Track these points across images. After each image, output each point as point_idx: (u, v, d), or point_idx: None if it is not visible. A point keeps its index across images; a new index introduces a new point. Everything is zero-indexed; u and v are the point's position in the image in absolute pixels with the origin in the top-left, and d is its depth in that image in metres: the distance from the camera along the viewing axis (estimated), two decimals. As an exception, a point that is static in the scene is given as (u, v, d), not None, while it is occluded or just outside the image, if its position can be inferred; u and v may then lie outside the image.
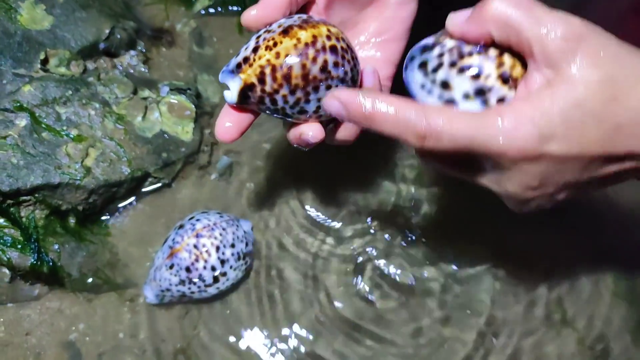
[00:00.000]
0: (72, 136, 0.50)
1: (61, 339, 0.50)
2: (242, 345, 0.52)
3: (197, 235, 0.50)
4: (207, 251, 0.49)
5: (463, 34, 0.33)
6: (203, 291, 0.50)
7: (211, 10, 0.68)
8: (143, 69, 0.61)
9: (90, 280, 0.51)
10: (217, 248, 0.50)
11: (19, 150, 0.47)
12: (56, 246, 0.49)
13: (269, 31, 0.36)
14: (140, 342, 0.51)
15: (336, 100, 0.34)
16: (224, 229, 0.51)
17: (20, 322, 0.49)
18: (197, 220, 0.51)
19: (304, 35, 0.35)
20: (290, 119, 0.38)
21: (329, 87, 0.36)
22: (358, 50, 0.44)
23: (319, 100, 0.36)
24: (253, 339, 0.52)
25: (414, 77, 0.35)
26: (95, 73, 0.55)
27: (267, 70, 0.35)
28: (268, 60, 0.35)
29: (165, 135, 0.56)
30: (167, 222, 0.56)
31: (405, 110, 0.32)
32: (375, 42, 0.43)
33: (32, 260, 0.47)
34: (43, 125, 0.49)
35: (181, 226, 0.51)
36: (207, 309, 0.53)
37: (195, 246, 0.49)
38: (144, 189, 0.56)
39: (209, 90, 0.64)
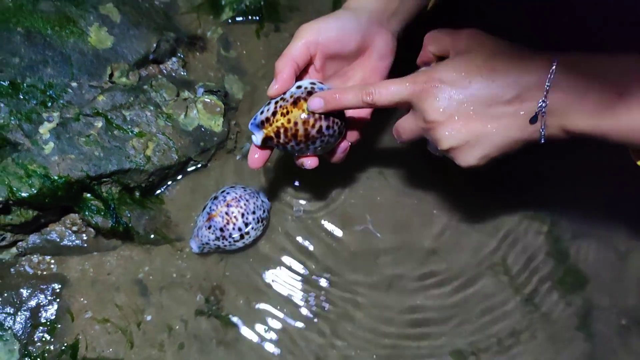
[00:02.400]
0: (135, 133, 0.67)
1: (132, 277, 0.69)
2: (259, 281, 0.71)
3: (228, 205, 0.68)
4: (235, 217, 0.67)
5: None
6: (232, 245, 0.69)
7: (236, 19, 0.83)
8: (182, 72, 0.78)
9: (152, 236, 0.70)
10: (242, 214, 0.68)
11: (99, 145, 0.65)
12: (127, 212, 0.67)
13: (283, 99, 0.54)
14: (188, 280, 0.70)
15: (318, 97, 0.52)
16: (247, 200, 0.69)
17: (103, 266, 0.69)
18: (227, 193, 0.69)
19: (307, 107, 0.52)
20: (295, 155, 0.56)
21: (322, 141, 0.54)
22: None
23: (315, 148, 0.55)
24: (267, 277, 0.71)
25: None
26: (148, 81, 0.72)
27: (282, 130, 0.53)
28: (282, 124, 0.53)
29: (202, 128, 0.73)
30: (204, 193, 0.74)
31: (356, 86, 0.52)
32: None
33: (112, 222, 0.66)
34: (114, 126, 0.66)
35: (215, 197, 0.70)
36: (235, 257, 0.72)
37: (227, 213, 0.67)
38: (188, 169, 0.74)
39: (234, 87, 0.80)
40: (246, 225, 0.68)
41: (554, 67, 0.45)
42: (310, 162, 0.57)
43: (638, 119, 0.43)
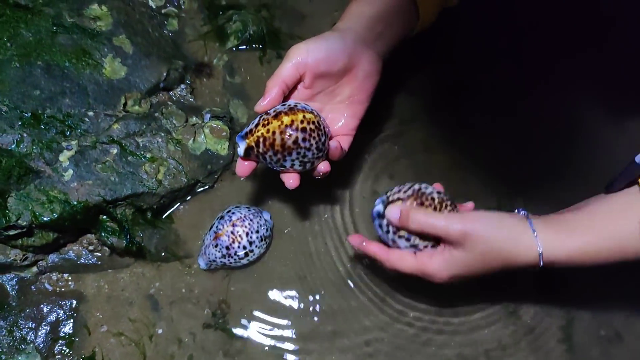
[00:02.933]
0: (147, 158, 0.72)
1: (144, 293, 0.74)
2: (263, 296, 0.76)
3: (234, 225, 0.73)
4: (240, 236, 0.72)
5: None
6: (237, 262, 0.74)
7: (240, 47, 0.88)
8: (190, 98, 0.83)
9: (162, 254, 0.74)
10: (247, 233, 0.72)
11: (115, 170, 0.70)
12: (140, 232, 0.72)
13: (267, 114, 0.58)
14: (196, 295, 0.75)
15: (360, 243, 0.62)
16: (251, 220, 0.74)
17: (117, 282, 0.74)
18: (233, 213, 0.74)
19: (286, 119, 0.57)
20: (276, 169, 0.61)
21: (298, 154, 0.58)
22: (336, 106, 0.64)
23: (292, 160, 0.59)
24: (270, 292, 0.76)
25: (377, 229, 0.62)
26: (159, 108, 0.77)
27: (261, 140, 0.57)
28: (262, 134, 0.57)
29: (209, 152, 0.78)
30: (211, 212, 0.79)
31: (389, 253, 0.60)
32: (346, 104, 0.64)
33: (126, 242, 0.71)
34: (128, 152, 0.71)
35: (221, 217, 0.74)
36: (240, 273, 0.76)
37: (232, 232, 0.72)
38: (196, 190, 0.78)
39: (238, 111, 0.85)
40: (250, 243, 0.72)
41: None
42: (291, 180, 0.62)
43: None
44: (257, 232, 0.73)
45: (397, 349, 0.74)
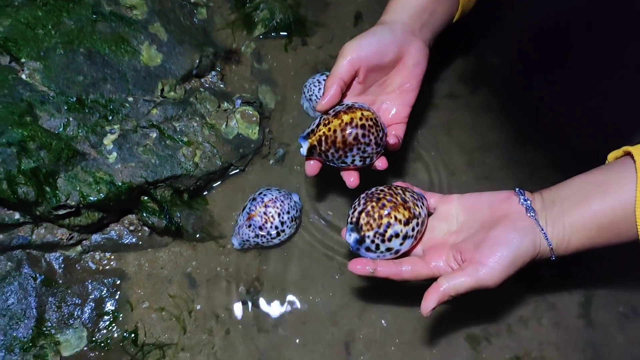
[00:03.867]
0: (184, 142, 0.75)
1: (182, 271, 0.77)
2: (293, 274, 0.79)
3: (266, 206, 0.75)
4: (272, 216, 0.75)
5: None
6: (269, 241, 0.77)
7: (267, 34, 0.90)
8: (221, 85, 0.85)
9: (198, 234, 0.78)
10: (279, 214, 0.75)
11: (155, 153, 0.73)
12: (177, 213, 0.75)
13: (327, 114, 0.61)
14: (230, 273, 0.78)
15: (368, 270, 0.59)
16: (282, 201, 0.77)
17: (157, 261, 0.77)
18: (264, 195, 0.77)
19: (345, 117, 0.60)
20: (338, 166, 0.64)
21: (358, 149, 0.61)
22: (387, 96, 0.67)
23: (353, 156, 0.61)
24: (300, 270, 0.79)
25: (365, 255, 0.60)
26: (193, 94, 0.79)
27: (323, 138, 0.60)
28: (324, 132, 0.60)
29: (241, 136, 0.81)
30: (243, 195, 0.82)
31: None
32: (397, 92, 0.67)
33: (165, 222, 0.74)
34: (166, 136, 0.74)
35: (254, 199, 0.77)
36: (272, 252, 0.80)
37: (265, 213, 0.75)
38: (229, 174, 0.82)
39: (266, 98, 0.88)
40: (282, 224, 0.76)
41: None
42: (352, 179, 0.65)
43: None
44: (288, 212, 0.76)
45: (422, 324, 0.77)
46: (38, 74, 0.69)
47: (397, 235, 0.58)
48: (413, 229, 0.59)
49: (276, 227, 0.75)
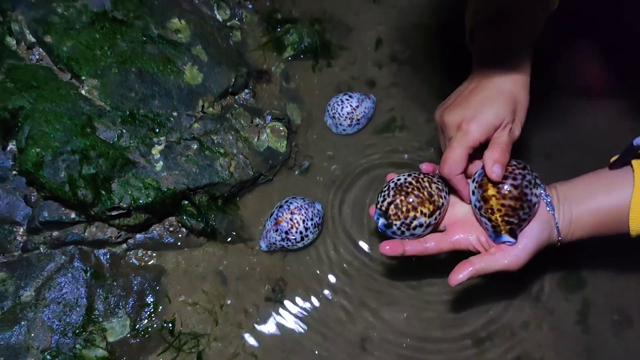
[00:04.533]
0: (221, 153, 0.84)
1: (214, 269, 0.85)
2: (315, 274, 0.87)
3: (292, 213, 0.83)
4: (297, 222, 0.83)
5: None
6: (294, 245, 0.85)
7: (295, 56, 0.99)
8: (252, 102, 0.94)
9: (230, 236, 0.86)
10: (303, 220, 0.83)
11: (195, 163, 0.81)
12: (213, 217, 0.84)
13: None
14: (258, 273, 0.86)
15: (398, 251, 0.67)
16: (306, 209, 0.85)
17: (192, 259, 0.85)
18: (290, 202, 0.85)
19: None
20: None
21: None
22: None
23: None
24: (321, 271, 0.87)
25: (392, 236, 0.68)
26: (229, 110, 0.88)
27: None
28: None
29: (270, 149, 0.89)
30: (270, 202, 0.90)
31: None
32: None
33: (202, 225, 0.82)
34: (205, 147, 0.83)
35: (280, 206, 0.86)
36: (296, 255, 0.87)
37: (291, 219, 0.83)
38: (259, 182, 0.90)
39: (293, 114, 0.96)
40: (306, 229, 0.84)
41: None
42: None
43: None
44: (312, 219, 0.84)
45: (431, 325, 0.84)
46: (96, 90, 0.78)
47: (421, 225, 0.67)
48: (435, 218, 0.67)
49: (301, 232, 0.83)
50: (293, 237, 0.83)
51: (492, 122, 0.62)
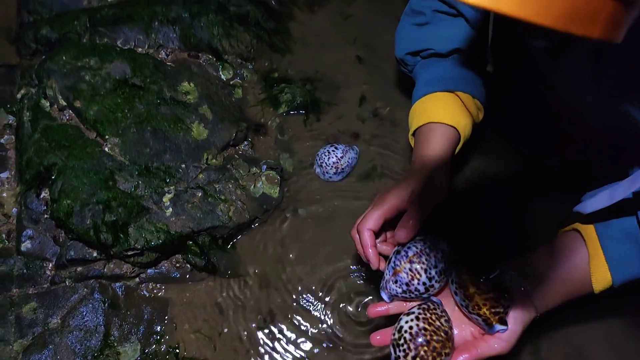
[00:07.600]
0: (222, 199, 0.97)
1: (214, 300, 0.97)
2: (295, 307, 1.00)
3: (410, 262, 0.69)
4: (418, 272, 0.68)
5: None
6: (420, 295, 0.69)
7: (289, 112, 1.13)
8: (250, 152, 1.08)
9: (228, 272, 0.99)
10: (425, 270, 0.68)
11: (199, 209, 0.94)
12: (213, 255, 0.97)
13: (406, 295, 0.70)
14: (250, 305, 0.99)
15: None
16: (427, 254, 0.69)
17: (195, 292, 0.98)
18: (409, 248, 0.70)
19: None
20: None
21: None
22: None
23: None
24: (305, 306, 1.00)
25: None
26: (230, 161, 1.02)
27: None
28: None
29: (265, 195, 1.02)
30: (264, 241, 1.03)
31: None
32: None
33: (205, 262, 0.95)
34: (209, 195, 0.96)
35: (398, 252, 0.71)
36: (276, 292, 1.01)
37: (410, 269, 0.68)
38: (253, 224, 1.03)
39: (286, 163, 1.10)
40: (430, 280, 0.69)
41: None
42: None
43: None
44: (436, 267, 0.69)
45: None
46: (117, 147, 0.92)
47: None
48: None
49: (424, 283, 0.69)
50: (416, 289, 0.69)
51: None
